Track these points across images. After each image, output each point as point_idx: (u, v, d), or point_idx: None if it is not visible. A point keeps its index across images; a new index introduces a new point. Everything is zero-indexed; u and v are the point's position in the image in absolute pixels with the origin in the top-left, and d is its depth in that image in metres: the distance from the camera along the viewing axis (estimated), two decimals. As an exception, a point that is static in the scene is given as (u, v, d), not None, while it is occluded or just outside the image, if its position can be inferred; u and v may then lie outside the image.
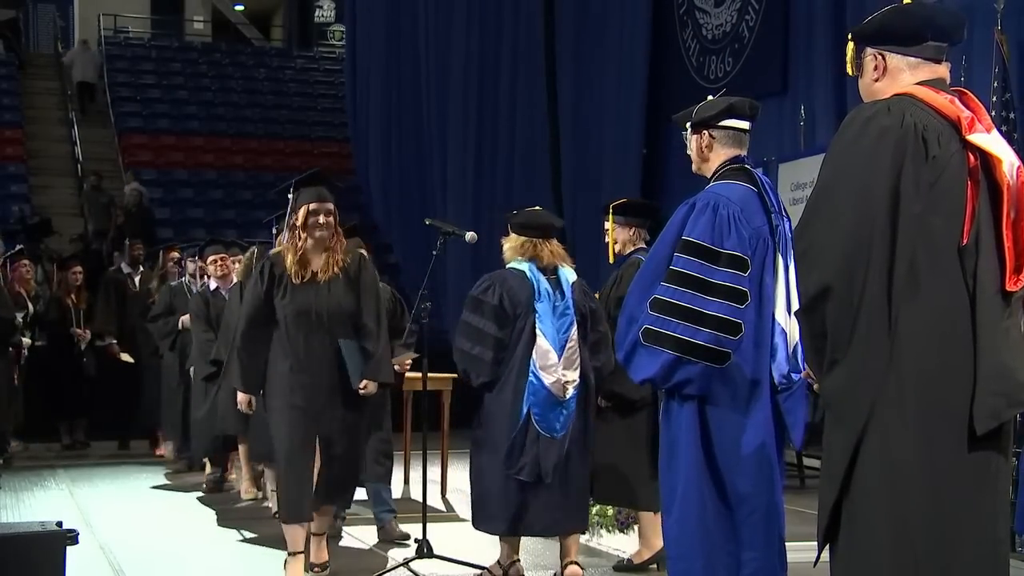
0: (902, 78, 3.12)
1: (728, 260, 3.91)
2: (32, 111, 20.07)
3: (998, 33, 7.46)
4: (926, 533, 2.91)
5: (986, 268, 2.95)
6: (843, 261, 2.91)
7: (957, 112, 3.01)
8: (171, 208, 17.54)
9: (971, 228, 2.94)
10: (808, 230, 3.03)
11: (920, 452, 2.91)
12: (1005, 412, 2.94)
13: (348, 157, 19.66)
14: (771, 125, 10.33)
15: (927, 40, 3.13)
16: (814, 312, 2.99)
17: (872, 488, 2.95)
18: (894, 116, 2.97)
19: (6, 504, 7.97)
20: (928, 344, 2.92)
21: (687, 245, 3.94)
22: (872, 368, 2.92)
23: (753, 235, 3.96)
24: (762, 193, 4.06)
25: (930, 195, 2.92)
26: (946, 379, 2.92)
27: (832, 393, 3.02)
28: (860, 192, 2.92)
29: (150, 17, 26.89)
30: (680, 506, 3.96)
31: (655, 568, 5.75)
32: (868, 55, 3.18)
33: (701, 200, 4.01)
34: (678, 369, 3.89)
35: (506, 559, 5.56)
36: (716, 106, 4.18)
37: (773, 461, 4.01)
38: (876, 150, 2.93)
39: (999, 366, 2.92)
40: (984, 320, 2.93)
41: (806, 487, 8.23)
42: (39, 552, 4.49)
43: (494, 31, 15.21)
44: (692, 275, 3.90)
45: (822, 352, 3.00)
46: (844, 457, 2.97)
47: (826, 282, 2.94)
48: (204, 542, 6.83)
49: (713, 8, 12.03)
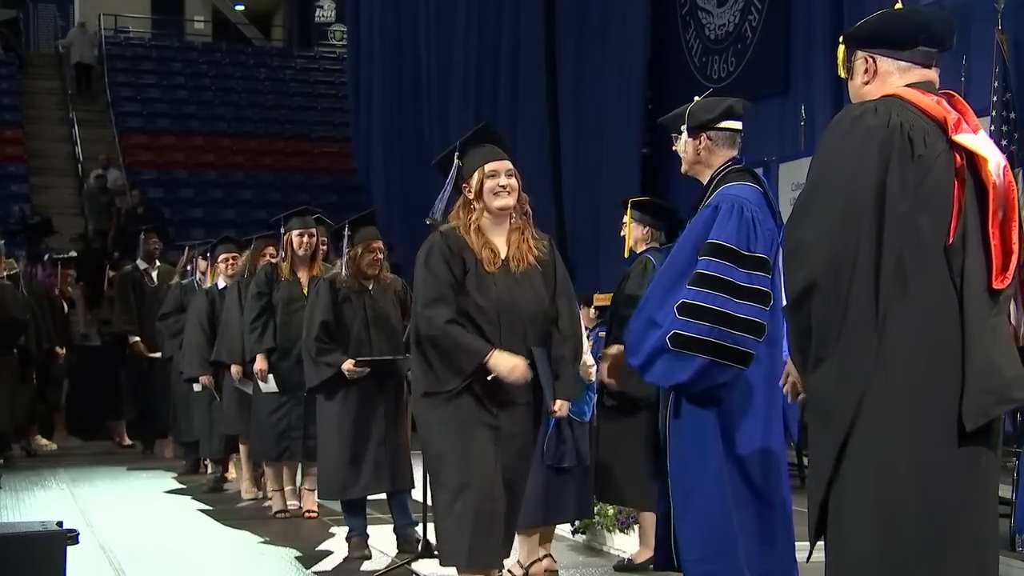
0: (891, 81, 3.15)
1: (754, 262, 3.90)
2: (32, 111, 20.07)
3: (998, 33, 7.48)
4: (916, 530, 2.93)
5: (973, 267, 2.98)
6: (829, 259, 2.94)
7: (944, 113, 3.04)
8: (171, 208, 17.54)
9: (957, 227, 2.97)
10: (795, 228, 3.05)
11: (909, 450, 2.93)
12: (993, 409, 2.96)
13: (349, 157, 19.67)
14: (772, 125, 10.35)
15: (918, 45, 3.16)
16: (800, 310, 3.01)
17: (860, 486, 2.96)
18: (880, 116, 3.00)
19: (6, 504, 7.96)
20: (916, 342, 2.94)
21: (715, 248, 3.91)
22: (859, 366, 2.94)
23: (770, 236, 3.97)
24: (767, 193, 4.08)
25: (916, 194, 2.95)
26: (934, 377, 2.94)
27: (818, 390, 3.04)
28: (846, 191, 2.95)
29: (150, 17, 26.88)
30: (704, 507, 3.92)
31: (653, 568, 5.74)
32: (859, 58, 3.20)
33: (724, 203, 3.98)
34: (712, 374, 3.85)
35: (527, 558, 5.55)
36: (714, 108, 4.17)
37: (784, 458, 4.02)
38: (862, 150, 2.96)
39: (987, 363, 2.94)
40: (972, 318, 2.95)
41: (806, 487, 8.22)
42: (39, 552, 4.48)
43: (494, 31, 15.22)
44: (722, 278, 3.88)
45: (806, 350, 3.03)
46: (831, 455, 3.00)
47: (812, 280, 2.96)
48: (204, 542, 6.82)
49: (716, 8, 12.03)
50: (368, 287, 6.29)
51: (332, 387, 6.16)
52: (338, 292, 6.23)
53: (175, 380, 9.35)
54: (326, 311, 6.18)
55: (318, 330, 6.16)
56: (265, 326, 7.16)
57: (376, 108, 18.44)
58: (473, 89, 15.38)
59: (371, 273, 6.29)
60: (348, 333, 6.20)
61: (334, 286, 6.25)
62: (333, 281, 6.29)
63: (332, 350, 6.13)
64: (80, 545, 4.67)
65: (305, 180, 18.94)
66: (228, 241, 8.89)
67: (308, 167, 19.42)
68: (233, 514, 7.66)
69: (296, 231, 7.10)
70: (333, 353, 6.12)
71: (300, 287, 7.14)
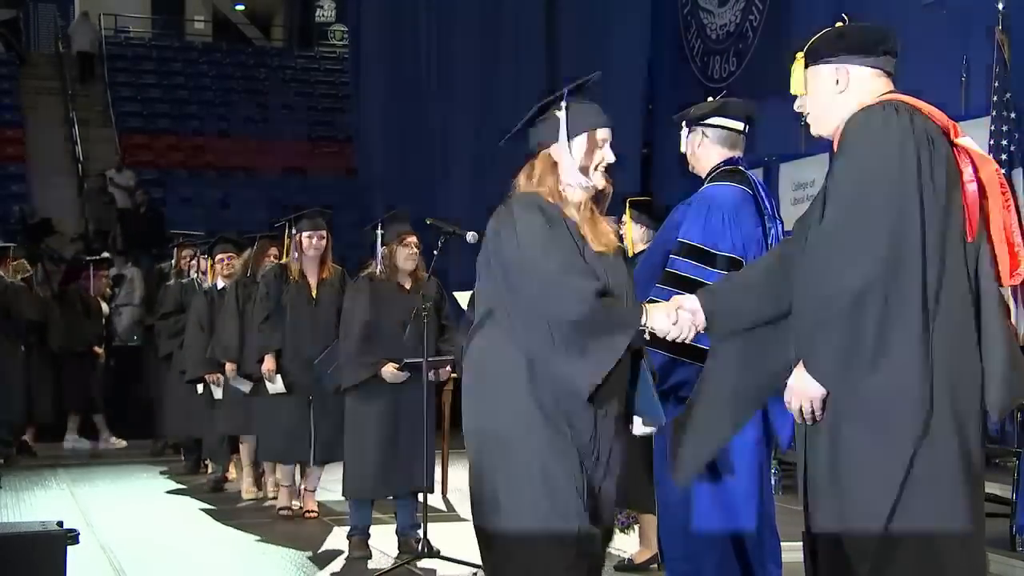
0: (868, 87, 3.15)
1: (723, 262, 3.92)
2: (32, 111, 20.07)
3: (998, 33, 7.47)
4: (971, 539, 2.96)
5: (985, 264, 3.03)
6: (886, 260, 2.90)
7: (944, 118, 3.08)
8: (171, 208, 17.54)
9: (976, 225, 3.00)
10: (839, 235, 2.96)
11: (958, 456, 2.94)
12: (1015, 401, 3.03)
13: (349, 157, 19.66)
14: (773, 125, 10.32)
15: (883, 54, 3.17)
16: (855, 314, 2.91)
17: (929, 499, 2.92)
18: (903, 116, 3.00)
19: (7, 504, 7.97)
20: (950, 342, 2.96)
21: (683, 247, 3.95)
22: (920, 369, 2.92)
23: (747, 237, 3.98)
24: (756, 195, 4.08)
25: (946, 194, 2.98)
26: (964, 376, 2.96)
27: (872, 398, 2.93)
28: (895, 193, 2.93)
29: (151, 17, 26.89)
30: (683, 506, 3.96)
31: (656, 568, 5.75)
32: (827, 69, 3.19)
33: (696, 202, 4.04)
34: (672, 371, 3.88)
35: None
36: (710, 104, 4.25)
37: (764, 463, 4.02)
38: (903, 149, 2.96)
39: (1007, 356, 2.98)
40: (989, 314, 3.00)
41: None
42: (40, 552, 4.48)
43: (495, 31, 15.22)
44: (688, 277, 3.90)
45: (860, 354, 2.92)
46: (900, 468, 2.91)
47: (865, 283, 2.90)
48: (205, 542, 6.82)
49: (717, 8, 12.03)
50: (406, 286, 6.20)
51: (365, 388, 6.09)
52: (377, 291, 6.15)
53: (173, 378, 9.38)
54: (366, 310, 6.09)
55: (360, 329, 6.06)
56: (274, 327, 7.15)
57: (376, 108, 18.42)
58: (473, 89, 15.37)
59: (407, 269, 6.21)
60: (385, 333, 6.07)
61: (373, 284, 6.18)
62: (372, 279, 6.22)
63: (372, 351, 6.05)
64: (80, 545, 4.67)
65: (305, 180, 18.94)
66: (225, 241, 8.86)
67: (308, 167, 19.43)
68: (233, 514, 7.66)
69: (306, 232, 7.09)
70: (372, 354, 6.04)
71: (309, 288, 7.13)
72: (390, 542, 6.32)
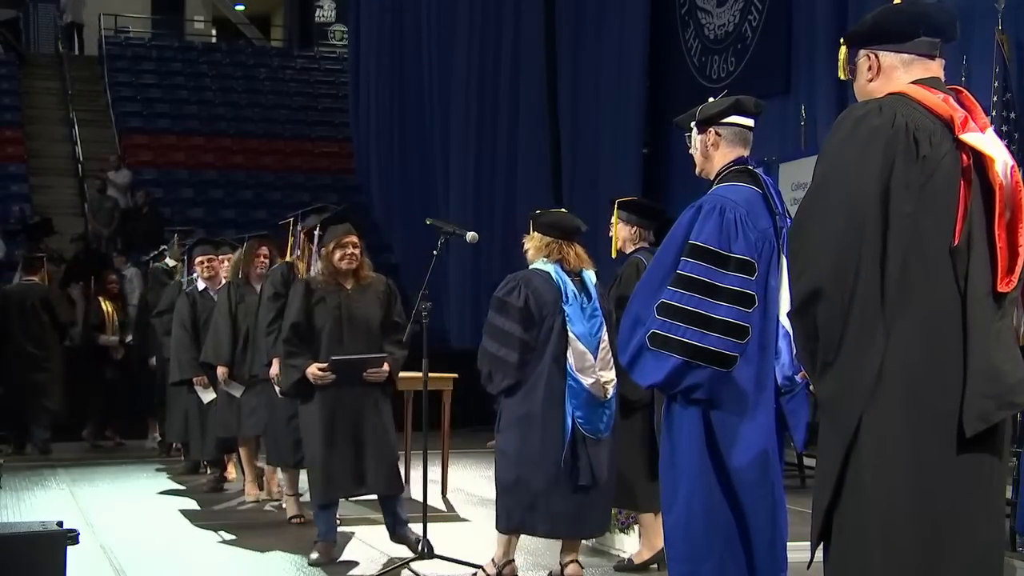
0: (896, 76, 3.11)
1: (736, 264, 3.89)
2: (32, 111, 20.06)
3: (998, 33, 7.48)
4: (917, 537, 2.90)
5: (977, 269, 2.93)
6: (834, 263, 2.90)
7: (950, 111, 3.00)
8: (171, 208, 17.54)
9: (963, 229, 2.92)
10: (800, 232, 3.02)
11: (911, 455, 2.90)
12: (994, 415, 2.91)
13: (349, 157, 19.67)
14: (773, 125, 10.33)
15: (920, 35, 3.12)
16: (805, 314, 2.97)
17: (864, 491, 2.93)
18: (885, 116, 2.95)
19: (6, 504, 7.96)
20: (918, 346, 2.90)
21: (694, 249, 3.91)
22: (864, 371, 2.90)
23: (759, 238, 3.95)
24: (767, 194, 4.05)
25: (921, 195, 2.91)
26: (936, 382, 2.90)
27: (825, 396, 3.00)
28: (850, 193, 2.91)
29: (150, 17, 26.90)
30: (685, 508, 3.94)
31: (656, 568, 5.75)
32: (861, 56, 3.17)
33: (707, 203, 3.98)
34: (686, 374, 3.86)
35: (501, 558, 5.55)
36: (722, 103, 4.17)
37: (776, 463, 4.01)
38: (866, 151, 2.92)
39: (989, 368, 2.90)
40: (975, 322, 2.91)
41: (806, 487, 8.22)
42: (40, 552, 4.48)
43: (495, 31, 15.23)
44: (700, 279, 3.88)
45: (815, 355, 2.99)
46: (836, 461, 2.96)
47: (817, 284, 2.92)
48: (205, 542, 6.82)
49: (715, 8, 12.03)
50: (345, 286, 6.18)
51: (306, 390, 6.06)
52: (313, 292, 6.14)
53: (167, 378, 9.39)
54: (298, 312, 6.09)
55: (288, 332, 6.09)
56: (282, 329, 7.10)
57: (376, 108, 18.43)
58: (474, 89, 15.38)
59: (346, 270, 6.18)
60: (321, 334, 6.08)
61: (309, 287, 6.17)
62: (309, 282, 6.23)
63: (299, 353, 6.04)
64: (80, 545, 4.68)
65: (305, 180, 18.94)
66: (203, 243, 8.80)
67: (308, 167, 19.43)
68: (234, 514, 7.66)
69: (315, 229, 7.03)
70: (300, 356, 6.03)
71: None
72: (389, 542, 6.31)
